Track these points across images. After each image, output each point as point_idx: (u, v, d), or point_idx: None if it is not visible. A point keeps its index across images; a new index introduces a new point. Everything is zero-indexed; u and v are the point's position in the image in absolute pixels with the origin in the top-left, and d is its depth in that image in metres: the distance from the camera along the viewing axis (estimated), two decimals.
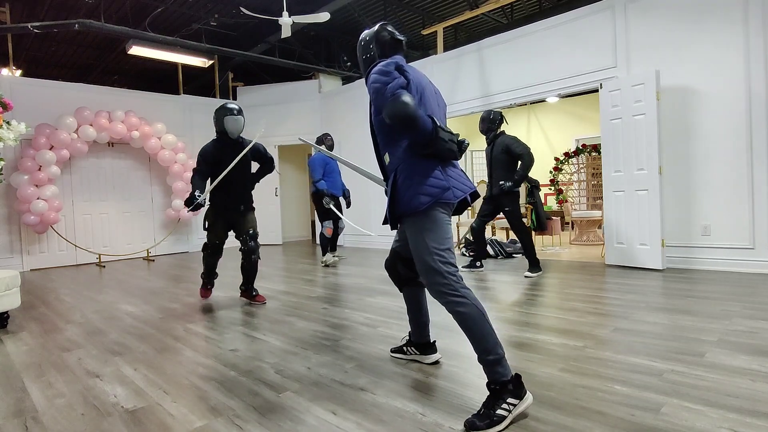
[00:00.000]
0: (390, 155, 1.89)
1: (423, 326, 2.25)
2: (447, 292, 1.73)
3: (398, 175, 1.84)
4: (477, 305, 1.73)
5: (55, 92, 6.70)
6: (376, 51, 1.98)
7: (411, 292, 2.23)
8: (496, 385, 1.66)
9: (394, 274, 2.24)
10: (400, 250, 2.18)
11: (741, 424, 1.55)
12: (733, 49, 4.17)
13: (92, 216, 7.07)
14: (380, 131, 1.91)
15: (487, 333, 1.70)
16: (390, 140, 1.88)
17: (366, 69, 2.03)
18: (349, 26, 7.85)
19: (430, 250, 1.77)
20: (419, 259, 1.79)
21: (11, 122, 3.88)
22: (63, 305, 4.02)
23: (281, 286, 4.51)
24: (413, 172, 1.81)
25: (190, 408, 1.87)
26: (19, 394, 2.10)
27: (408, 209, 1.79)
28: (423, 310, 2.25)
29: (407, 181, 1.81)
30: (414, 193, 1.78)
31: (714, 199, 4.32)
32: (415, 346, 2.29)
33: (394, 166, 1.87)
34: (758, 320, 2.67)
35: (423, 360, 2.26)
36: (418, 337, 2.27)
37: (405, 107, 1.64)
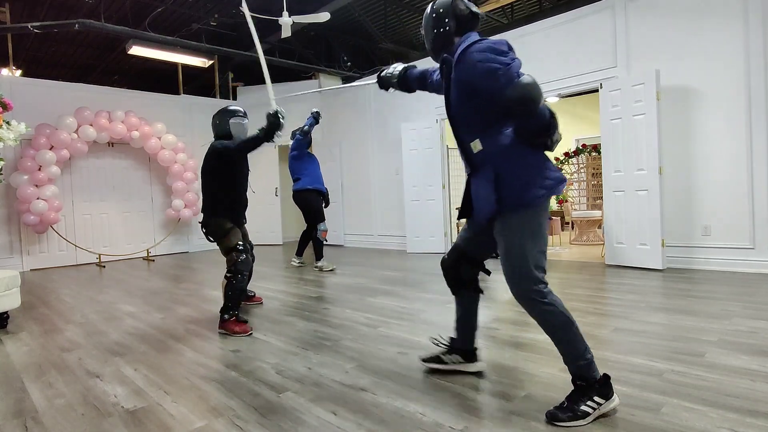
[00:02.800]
0: (483, 142, 1.69)
1: (472, 332, 2.07)
2: (538, 300, 1.63)
3: (501, 164, 1.65)
4: (566, 312, 1.65)
5: (55, 92, 6.70)
6: (453, 25, 1.77)
7: (467, 298, 2.02)
8: (583, 381, 1.61)
9: (455, 275, 2.00)
10: (469, 249, 1.95)
11: (741, 424, 1.55)
12: (733, 48, 4.17)
13: (92, 216, 7.07)
14: (470, 115, 1.71)
15: (577, 340, 1.63)
16: (485, 125, 1.69)
17: (438, 47, 1.83)
18: (349, 26, 7.85)
19: (530, 254, 1.62)
20: (513, 262, 1.64)
21: (11, 122, 3.88)
22: (63, 305, 4.02)
23: (282, 286, 4.51)
24: (525, 163, 1.63)
25: (190, 408, 1.87)
26: (19, 394, 2.10)
27: (519, 202, 1.62)
28: (476, 316, 2.06)
29: (518, 170, 1.63)
30: (527, 185, 1.61)
31: (714, 199, 4.32)
32: (459, 353, 2.08)
33: (491, 154, 1.68)
34: (758, 320, 2.67)
35: (467, 368, 2.08)
36: (465, 344, 2.07)
37: (536, 91, 1.49)
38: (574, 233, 7.54)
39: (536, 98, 1.50)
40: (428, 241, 6.56)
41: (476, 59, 1.60)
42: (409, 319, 3.08)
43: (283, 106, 3.08)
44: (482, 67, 1.58)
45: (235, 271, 2.99)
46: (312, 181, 5.31)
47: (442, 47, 1.82)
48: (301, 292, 4.19)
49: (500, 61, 1.56)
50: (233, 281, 2.97)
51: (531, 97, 1.49)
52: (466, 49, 1.65)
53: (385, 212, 7.52)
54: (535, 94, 1.49)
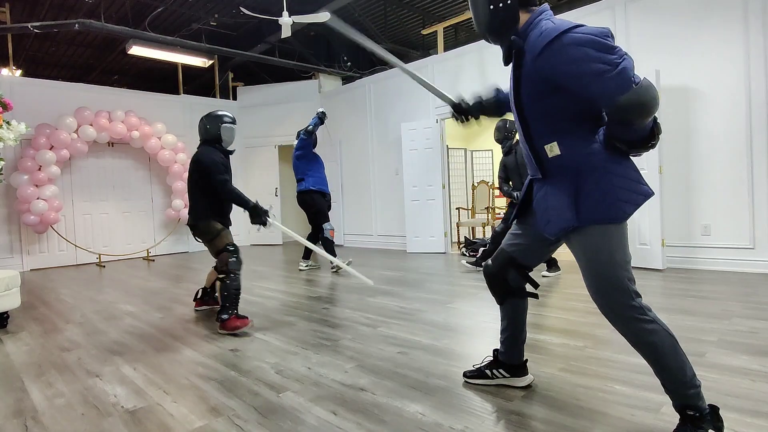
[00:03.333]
0: (563, 146, 1.46)
1: (521, 345, 1.88)
2: (636, 316, 1.41)
3: (584, 175, 1.44)
4: (668, 330, 1.43)
5: (55, 92, 6.70)
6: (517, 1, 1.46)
7: (515, 306, 1.83)
8: (697, 412, 1.39)
9: (500, 283, 1.80)
10: (518, 255, 1.75)
11: (741, 424, 1.55)
12: (733, 48, 4.17)
13: (92, 216, 7.07)
14: (548, 114, 1.47)
15: (683, 363, 1.40)
16: (566, 127, 1.46)
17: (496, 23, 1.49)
18: (350, 26, 7.85)
19: (619, 265, 1.42)
20: (602, 277, 1.43)
21: (11, 122, 3.88)
22: (63, 305, 4.02)
23: (281, 286, 4.51)
24: (615, 174, 1.42)
25: (190, 408, 1.87)
26: (19, 394, 2.10)
27: (604, 218, 1.42)
28: (524, 326, 1.88)
29: (604, 184, 1.42)
30: (616, 200, 1.41)
31: (714, 199, 4.32)
32: (505, 368, 1.91)
33: (572, 161, 1.46)
34: (758, 320, 2.67)
35: (515, 383, 1.91)
36: (512, 358, 1.89)
37: (657, 99, 1.26)
38: None
39: (654, 109, 1.26)
40: (428, 241, 6.56)
41: (574, 55, 1.31)
42: (409, 319, 3.08)
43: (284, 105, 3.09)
44: (582, 67, 1.30)
45: (227, 271, 3.02)
46: (316, 182, 5.22)
47: (503, 28, 1.49)
48: (300, 292, 4.19)
49: (608, 60, 1.28)
50: (227, 281, 3.00)
51: (649, 108, 1.25)
52: (557, 39, 1.34)
53: (385, 212, 7.52)
54: (654, 105, 1.25)
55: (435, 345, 2.52)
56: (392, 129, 7.31)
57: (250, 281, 4.82)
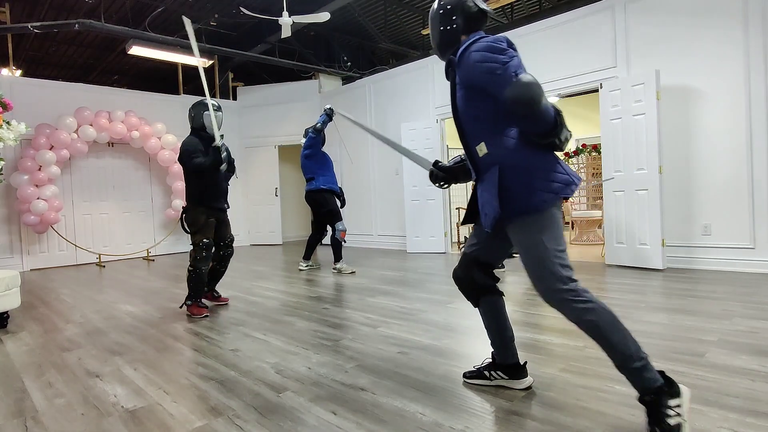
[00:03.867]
0: (489, 145, 1.63)
1: (509, 343, 1.89)
2: (571, 299, 1.51)
3: (506, 169, 1.59)
4: (606, 308, 1.53)
5: (55, 92, 6.70)
6: (460, 23, 1.71)
7: (490, 305, 1.87)
8: (652, 394, 1.45)
9: (469, 284, 1.87)
10: (479, 254, 1.85)
11: (741, 424, 1.55)
12: (733, 48, 4.17)
13: (92, 216, 7.07)
14: (475, 118, 1.65)
15: (625, 337, 1.50)
16: (490, 128, 1.63)
17: (444, 46, 1.76)
18: (349, 26, 7.85)
19: (550, 253, 1.55)
20: (536, 265, 1.57)
21: (11, 122, 3.88)
22: (63, 305, 4.02)
23: (281, 286, 4.51)
24: (530, 166, 1.57)
25: (190, 408, 1.87)
26: (19, 394, 2.10)
27: (526, 208, 1.56)
28: (507, 323, 1.89)
29: (523, 175, 1.57)
30: (534, 189, 1.55)
31: (714, 199, 4.32)
32: (501, 369, 1.91)
33: (496, 157, 1.62)
34: (758, 320, 2.67)
35: (513, 386, 1.91)
36: (505, 358, 1.90)
37: (535, 90, 1.41)
38: (574, 233, 7.54)
39: (536, 97, 1.42)
40: (428, 241, 6.56)
41: (474, 59, 1.57)
42: (409, 319, 3.08)
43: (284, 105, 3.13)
44: (481, 68, 1.55)
45: (194, 266, 3.35)
46: (326, 181, 5.12)
47: (448, 46, 1.75)
48: (300, 292, 4.19)
49: (498, 60, 1.53)
50: (192, 275, 3.36)
51: (530, 96, 1.42)
52: (466, 50, 1.62)
53: (385, 212, 7.52)
54: (534, 93, 1.42)
55: (435, 345, 2.52)
56: (392, 129, 7.31)
57: (250, 281, 4.82)
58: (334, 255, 5.21)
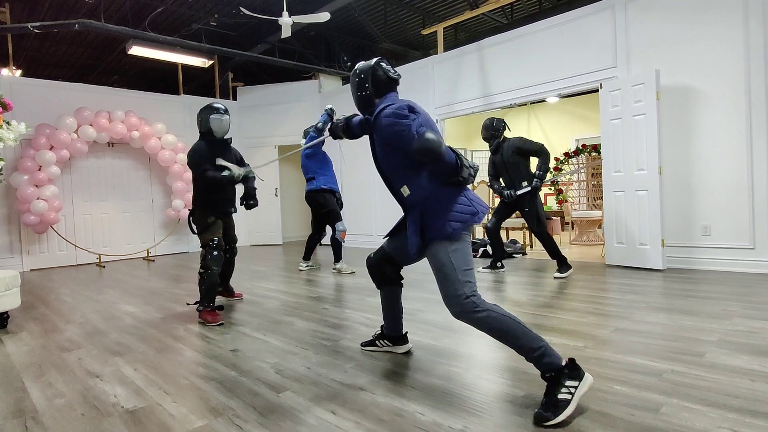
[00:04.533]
0: (410, 187, 1.97)
1: (398, 320, 2.38)
2: (471, 310, 1.78)
3: (424, 204, 1.93)
4: (502, 313, 1.78)
5: (55, 92, 6.70)
6: (372, 90, 2.07)
7: (391, 291, 2.34)
8: (551, 372, 1.68)
9: (378, 274, 2.32)
10: (394, 255, 2.26)
11: (741, 424, 1.55)
12: (733, 48, 4.17)
13: (92, 216, 7.07)
14: (396, 167, 1.99)
15: (521, 333, 1.73)
16: (408, 174, 1.96)
17: (362, 106, 2.13)
18: (349, 26, 7.85)
19: (457, 272, 1.83)
20: (446, 281, 1.85)
21: (11, 122, 3.88)
22: (63, 305, 4.02)
23: (281, 286, 4.51)
24: (441, 202, 1.91)
25: (190, 408, 1.87)
26: (19, 394, 2.10)
27: (437, 236, 1.88)
28: (400, 305, 2.39)
29: (436, 210, 1.90)
30: (445, 221, 1.87)
31: (714, 199, 4.32)
32: (388, 339, 2.42)
33: (417, 197, 1.95)
34: (758, 320, 2.67)
35: (396, 350, 2.42)
36: (393, 330, 2.40)
37: (434, 143, 1.77)
38: (574, 233, 7.54)
39: (435, 148, 1.77)
40: None
41: (384, 124, 1.92)
42: (409, 319, 3.08)
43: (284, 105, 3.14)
44: (390, 130, 1.90)
45: (205, 266, 3.21)
46: (327, 181, 5.12)
47: (365, 107, 2.13)
48: (300, 292, 4.19)
49: (403, 123, 1.87)
50: (204, 277, 3.20)
51: (430, 148, 1.76)
52: (377, 117, 1.98)
53: (385, 212, 7.52)
54: (433, 146, 1.76)
55: (434, 345, 2.52)
56: None
57: (250, 281, 4.82)
58: (334, 255, 5.20)
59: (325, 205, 5.09)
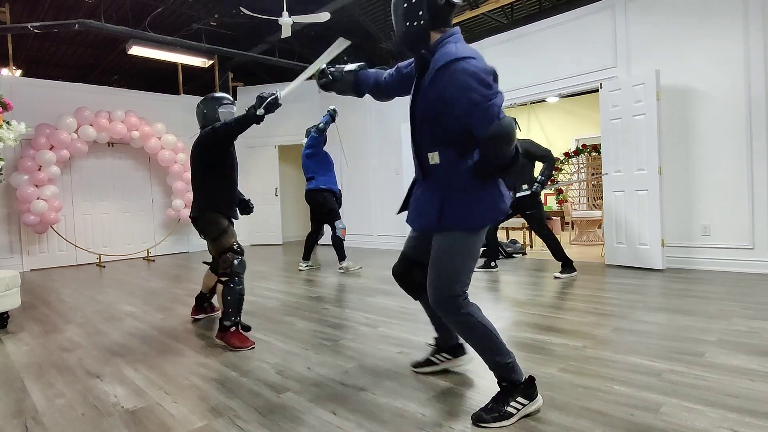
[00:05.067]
0: (442, 157, 1.64)
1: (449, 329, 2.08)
2: (456, 310, 1.66)
3: (452, 186, 1.64)
4: (484, 322, 1.68)
5: (55, 92, 6.70)
6: (427, 18, 1.59)
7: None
8: (507, 383, 1.66)
9: (408, 282, 1.98)
10: (416, 255, 1.93)
11: (741, 424, 1.55)
12: (733, 48, 4.17)
13: (92, 216, 7.07)
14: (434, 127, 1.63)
15: (496, 347, 1.67)
16: (446, 142, 1.63)
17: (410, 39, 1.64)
18: (349, 26, 7.85)
19: (461, 269, 1.65)
20: (442, 276, 1.66)
21: (11, 122, 3.88)
22: (63, 305, 4.02)
23: (281, 286, 4.51)
24: (474, 186, 1.62)
25: (190, 408, 1.88)
26: (19, 394, 2.10)
27: (460, 226, 1.63)
28: None
29: (466, 196, 1.62)
30: (472, 212, 1.62)
31: (714, 199, 4.32)
32: (445, 351, 2.11)
33: (446, 171, 1.64)
34: (758, 320, 2.67)
35: (457, 363, 2.12)
36: (447, 340, 2.10)
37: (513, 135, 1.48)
38: (574, 233, 7.54)
39: (510, 142, 1.48)
40: None
41: (459, 81, 1.50)
42: (409, 319, 3.08)
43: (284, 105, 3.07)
44: (464, 95, 1.49)
45: (231, 273, 2.74)
46: (326, 181, 5.14)
47: (415, 43, 1.65)
48: (300, 292, 4.19)
49: (484, 94, 1.48)
50: (230, 284, 2.71)
51: (506, 141, 1.47)
52: (451, 63, 1.52)
53: (385, 212, 7.52)
54: (510, 138, 1.47)
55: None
56: (392, 129, 7.31)
57: (250, 281, 4.82)
58: (337, 254, 5.18)
59: (324, 205, 5.11)
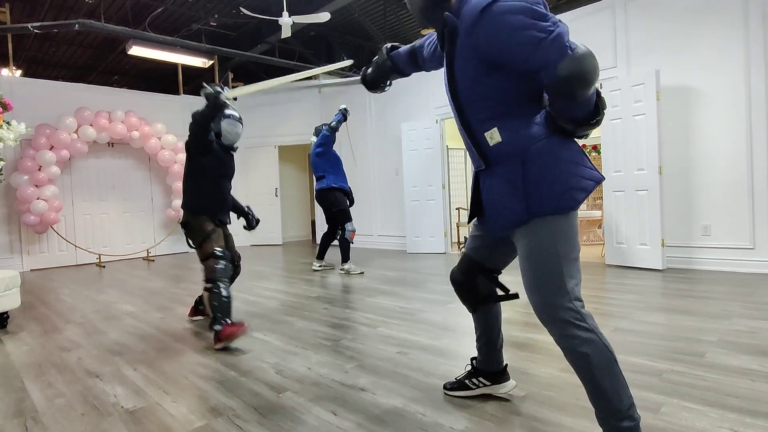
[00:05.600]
0: (504, 132, 1.32)
1: (499, 351, 1.78)
2: (573, 322, 1.27)
3: (529, 162, 1.30)
4: (608, 345, 1.29)
5: (55, 92, 6.70)
6: None
7: (489, 312, 1.72)
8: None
9: (470, 290, 1.67)
10: (482, 258, 1.63)
11: (741, 424, 1.55)
12: (733, 48, 4.17)
13: (92, 216, 7.07)
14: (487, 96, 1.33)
15: (620, 386, 1.27)
16: (506, 110, 1.32)
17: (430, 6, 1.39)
18: (349, 26, 7.85)
19: (564, 261, 1.29)
20: (542, 272, 1.31)
21: (11, 122, 3.88)
22: (63, 305, 4.02)
23: (281, 286, 4.51)
24: (561, 158, 1.29)
25: (190, 408, 1.87)
26: (19, 394, 2.10)
27: (553, 209, 1.29)
28: (500, 331, 1.76)
29: (552, 170, 1.29)
30: (565, 188, 1.28)
31: (714, 199, 4.32)
32: (484, 376, 1.80)
33: (516, 147, 1.31)
34: (758, 320, 2.67)
35: (497, 391, 1.80)
36: (491, 365, 1.78)
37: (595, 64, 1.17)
38: None
39: (592, 79, 1.17)
40: (428, 241, 6.56)
41: (506, 24, 1.19)
42: (409, 319, 3.08)
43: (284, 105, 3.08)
44: (517, 38, 1.19)
45: (213, 279, 2.72)
46: (337, 180, 5.06)
47: (435, 6, 1.38)
48: (300, 292, 4.19)
49: (543, 27, 1.17)
50: (214, 291, 2.68)
51: (590, 74, 1.16)
52: (487, 8, 1.22)
53: (385, 212, 7.52)
54: (591, 75, 1.17)
55: (435, 345, 2.52)
56: (392, 129, 7.31)
57: (250, 281, 4.82)
58: (342, 255, 5.10)
59: (335, 204, 5.05)
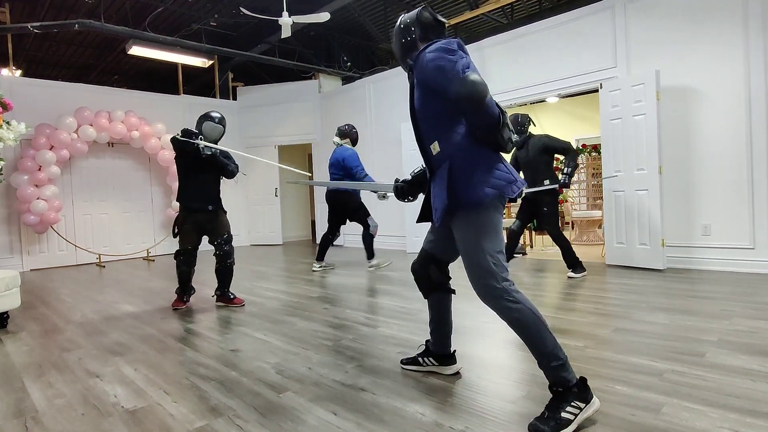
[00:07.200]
0: (441, 142, 1.74)
1: (447, 336, 2.09)
2: (502, 296, 1.63)
3: (455, 163, 1.70)
4: (533, 309, 1.63)
5: (55, 92, 6.70)
6: (418, 33, 1.85)
7: (439, 299, 2.05)
8: (560, 386, 1.58)
9: (425, 279, 2.03)
10: (435, 251, 2.00)
11: (741, 424, 1.55)
12: (733, 48, 4.17)
13: (92, 216, 7.07)
14: (429, 117, 1.77)
15: (546, 338, 1.61)
16: (442, 127, 1.74)
17: (404, 54, 1.89)
18: (349, 26, 7.85)
19: (485, 251, 1.64)
20: (472, 261, 1.67)
21: (11, 122, 3.88)
22: (63, 305, 4.01)
23: (282, 286, 4.51)
24: (476, 160, 1.68)
25: (190, 408, 1.87)
26: (19, 394, 2.10)
27: (469, 200, 1.66)
28: (449, 319, 2.09)
29: (468, 169, 1.68)
30: (477, 183, 1.65)
31: (714, 199, 4.32)
32: (434, 357, 2.12)
33: (447, 153, 1.72)
34: (758, 320, 2.67)
35: (442, 371, 2.11)
36: (440, 348, 2.10)
37: (480, 86, 1.55)
38: (574, 233, 7.54)
39: (480, 92, 1.55)
40: None
41: (428, 58, 1.68)
42: (409, 319, 3.08)
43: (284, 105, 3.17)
44: (433, 66, 1.66)
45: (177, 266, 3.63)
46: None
47: (408, 53, 1.88)
48: (301, 292, 4.19)
49: (448, 59, 1.63)
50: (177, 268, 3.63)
51: (474, 90, 1.55)
52: (422, 52, 1.73)
53: (385, 212, 7.52)
54: (478, 89, 1.55)
55: None
56: (392, 129, 7.31)
57: (250, 281, 4.82)
58: (367, 253, 5.16)
59: (348, 204, 5.07)
